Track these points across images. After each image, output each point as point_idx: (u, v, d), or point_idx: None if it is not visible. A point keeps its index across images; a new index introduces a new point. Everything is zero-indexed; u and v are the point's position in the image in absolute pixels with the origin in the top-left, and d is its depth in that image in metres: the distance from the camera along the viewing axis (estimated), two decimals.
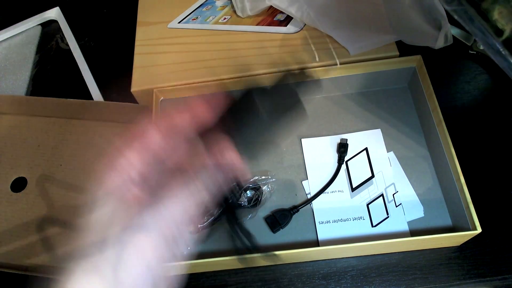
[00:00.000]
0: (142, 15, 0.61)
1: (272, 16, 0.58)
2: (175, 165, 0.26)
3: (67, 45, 0.66)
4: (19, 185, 0.55)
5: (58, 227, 0.51)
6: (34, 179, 0.55)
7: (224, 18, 0.59)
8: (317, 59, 0.52)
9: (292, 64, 0.52)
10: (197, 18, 0.60)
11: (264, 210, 0.48)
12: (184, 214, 0.24)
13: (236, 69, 0.53)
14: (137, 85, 0.54)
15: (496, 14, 0.33)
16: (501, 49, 0.33)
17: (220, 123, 0.27)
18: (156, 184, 0.25)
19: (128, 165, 0.25)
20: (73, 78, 0.62)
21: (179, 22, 0.60)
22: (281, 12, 0.57)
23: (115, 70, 0.63)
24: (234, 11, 0.59)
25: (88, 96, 0.60)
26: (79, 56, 0.64)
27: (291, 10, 0.54)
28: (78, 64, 0.63)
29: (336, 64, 0.52)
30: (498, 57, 0.33)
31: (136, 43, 0.58)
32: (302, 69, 0.51)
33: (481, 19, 0.33)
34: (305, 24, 0.55)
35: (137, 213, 0.24)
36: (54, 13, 0.69)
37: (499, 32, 0.33)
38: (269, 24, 0.57)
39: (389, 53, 0.52)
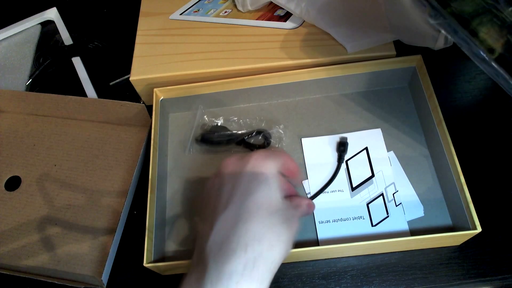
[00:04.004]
0: (145, 5, 0.62)
1: (272, 12, 0.58)
2: None
3: (66, 45, 0.66)
4: (13, 184, 0.55)
5: (52, 226, 0.50)
6: (28, 178, 0.55)
7: (225, 12, 0.59)
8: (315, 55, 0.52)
9: (290, 59, 0.52)
10: (198, 10, 0.60)
11: None
12: None
13: (234, 62, 0.53)
14: (136, 74, 0.54)
15: (484, 34, 0.33)
16: (486, 57, 0.34)
17: None
18: None
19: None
20: (72, 78, 0.62)
21: (180, 14, 0.60)
22: (281, 8, 0.57)
23: (115, 70, 0.62)
24: (235, 5, 0.59)
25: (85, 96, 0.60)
26: (76, 56, 0.64)
27: (290, 6, 0.54)
28: (75, 65, 0.63)
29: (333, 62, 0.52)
30: (484, 65, 0.34)
31: (138, 32, 0.58)
32: (300, 64, 0.52)
33: (465, 31, 0.34)
34: (304, 21, 0.55)
35: None
36: (52, 13, 0.69)
37: (490, 50, 0.34)
38: (269, 19, 0.57)
39: (386, 52, 0.52)
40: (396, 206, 0.47)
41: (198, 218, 0.38)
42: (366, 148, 0.50)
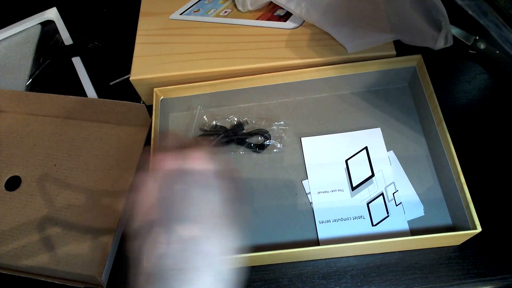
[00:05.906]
0: (145, 5, 0.62)
1: (272, 11, 0.58)
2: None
3: (66, 44, 0.66)
4: (13, 184, 0.55)
5: (52, 226, 0.50)
6: (28, 178, 0.54)
7: (225, 11, 0.59)
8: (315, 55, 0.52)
9: (289, 59, 0.52)
10: (198, 10, 0.60)
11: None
12: None
13: (234, 62, 0.53)
14: (136, 74, 0.54)
15: (503, 1, 0.32)
16: None
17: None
18: None
19: None
20: (72, 78, 0.62)
21: (181, 14, 0.60)
22: (281, 8, 0.57)
23: (115, 70, 0.62)
24: (235, 5, 0.59)
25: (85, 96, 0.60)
26: (76, 56, 0.64)
27: (290, 6, 0.54)
28: (75, 65, 0.63)
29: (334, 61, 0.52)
30: None
31: (138, 32, 0.58)
32: (300, 64, 0.52)
33: (495, 12, 0.33)
34: (304, 21, 0.55)
35: None
36: (52, 13, 0.69)
37: (509, 20, 0.32)
38: (269, 19, 0.57)
39: (386, 52, 0.52)
40: (396, 205, 0.47)
41: None
42: (366, 148, 0.50)
